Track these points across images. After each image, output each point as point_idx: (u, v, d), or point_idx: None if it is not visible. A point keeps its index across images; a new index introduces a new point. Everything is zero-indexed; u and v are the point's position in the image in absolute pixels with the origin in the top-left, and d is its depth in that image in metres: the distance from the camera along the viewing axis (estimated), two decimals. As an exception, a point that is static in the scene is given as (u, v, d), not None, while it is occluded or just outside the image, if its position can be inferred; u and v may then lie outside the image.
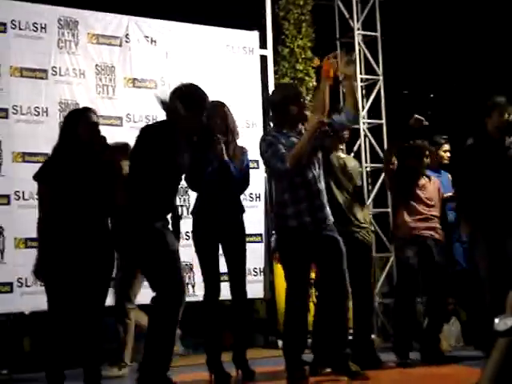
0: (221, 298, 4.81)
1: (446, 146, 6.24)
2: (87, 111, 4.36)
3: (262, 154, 4.58)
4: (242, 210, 4.90)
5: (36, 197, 4.46)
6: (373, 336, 5.58)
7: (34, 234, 4.24)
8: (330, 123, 4.53)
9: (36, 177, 4.24)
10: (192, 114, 4.09)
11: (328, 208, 4.52)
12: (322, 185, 4.51)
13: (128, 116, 6.33)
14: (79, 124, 4.23)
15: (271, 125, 5.06)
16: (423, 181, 5.42)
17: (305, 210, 4.39)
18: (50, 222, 4.08)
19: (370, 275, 5.20)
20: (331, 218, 4.51)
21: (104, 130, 6.36)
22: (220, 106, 4.83)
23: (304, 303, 4.42)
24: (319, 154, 4.58)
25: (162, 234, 4.05)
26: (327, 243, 4.44)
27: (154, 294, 4.02)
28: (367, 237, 5.14)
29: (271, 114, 4.74)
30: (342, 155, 5.27)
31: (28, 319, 5.98)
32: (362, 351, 4.92)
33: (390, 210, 7.13)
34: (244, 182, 4.92)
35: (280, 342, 6.66)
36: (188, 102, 4.10)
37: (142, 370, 3.99)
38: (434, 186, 5.47)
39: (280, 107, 4.56)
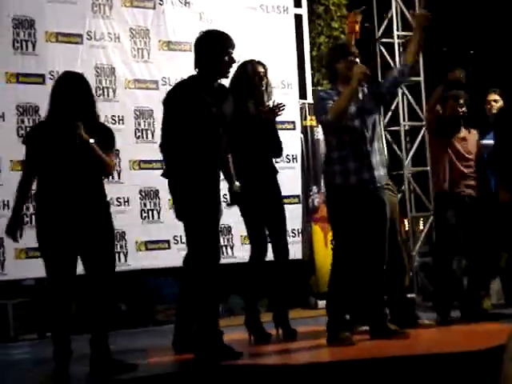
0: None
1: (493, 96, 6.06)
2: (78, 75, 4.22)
3: (314, 109, 4.59)
4: (275, 171, 4.93)
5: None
6: (413, 295, 5.57)
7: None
8: (374, 82, 4.53)
9: (24, 139, 4.21)
10: (213, 58, 4.12)
11: (381, 170, 4.49)
12: (374, 146, 4.47)
13: (163, 79, 6.33)
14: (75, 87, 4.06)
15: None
16: (463, 133, 5.33)
17: (351, 169, 4.39)
18: (40, 185, 4.03)
19: (395, 233, 5.08)
20: (382, 180, 4.49)
21: (140, 94, 6.43)
22: (258, 65, 4.83)
23: (350, 262, 4.40)
24: (375, 116, 4.55)
25: (206, 199, 4.07)
26: (371, 204, 4.42)
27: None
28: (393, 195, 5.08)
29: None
30: None
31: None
32: (398, 310, 4.90)
33: (428, 168, 7.06)
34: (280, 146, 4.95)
35: (320, 303, 6.70)
36: (206, 47, 4.17)
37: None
38: (474, 138, 5.38)
39: (327, 65, 4.65)
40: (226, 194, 5.64)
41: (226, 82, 4.46)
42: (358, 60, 4.50)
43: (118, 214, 5.73)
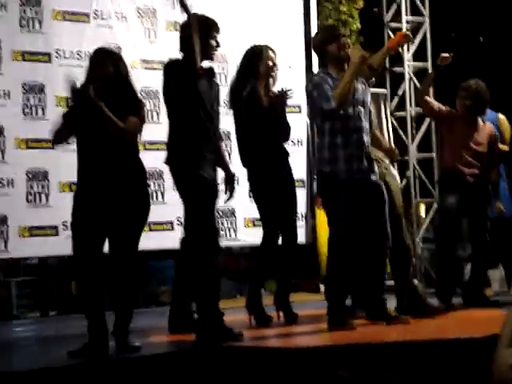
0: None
1: None
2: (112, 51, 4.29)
3: (308, 96, 4.56)
4: (287, 153, 4.94)
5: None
6: (416, 282, 5.56)
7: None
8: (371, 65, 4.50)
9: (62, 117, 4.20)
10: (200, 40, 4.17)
11: (372, 160, 4.47)
12: (367, 137, 4.45)
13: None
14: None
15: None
16: (478, 122, 5.30)
17: (340, 157, 4.36)
18: (78, 160, 4.05)
19: (398, 217, 5.07)
20: (372, 172, 4.46)
21: (148, 74, 6.40)
22: (266, 49, 4.82)
23: (346, 248, 4.40)
24: (369, 106, 4.55)
25: (202, 178, 4.11)
26: (363, 192, 4.40)
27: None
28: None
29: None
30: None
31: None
32: (405, 297, 4.91)
33: (434, 155, 7.03)
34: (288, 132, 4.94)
35: (322, 287, 6.70)
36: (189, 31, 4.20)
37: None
38: (486, 129, 5.35)
39: (319, 48, 4.56)
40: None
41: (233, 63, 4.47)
42: (349, 41, 4.48)
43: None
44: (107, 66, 4.01)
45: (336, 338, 4.22)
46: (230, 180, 4.45)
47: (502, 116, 6.18)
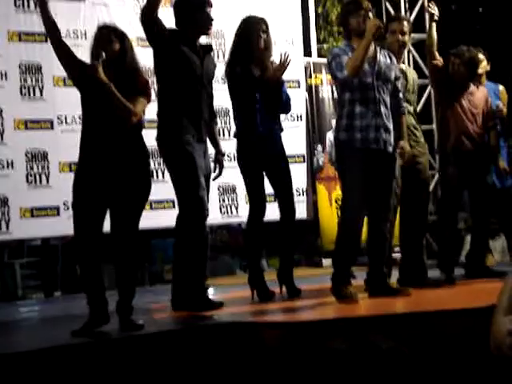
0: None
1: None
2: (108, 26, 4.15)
3: (328, 66, 4.65)
4: (281, 128, 4.91)
5: (78, 121, 4.47)
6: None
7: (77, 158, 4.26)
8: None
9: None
10: (189, 16, 4.30)
11: (389, 132, 4.47)
12: (385, 108, 4.45)
13: (167, 37, 6.26)
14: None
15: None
16: (471, 88, 5.28)
17: (357, 126, 4.40)
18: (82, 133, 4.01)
19: (423, 194, 5.09)
20: (388, 143, 4.46)
21: (144, 52, 6.38)
22: (260, 22, 4.77)
23: (357, 216, 4.41)
24: (396, 81, 4.56)
25: (187, 151, 4.23)
26: (376, 163, 4.41)
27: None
28: (423, 151, 5.07)
29: None
30: (403, 66, 5.17)
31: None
32: (410, 272, 4.92)
33: (434, 126, 7.01)
34: (288, 104, 4.91)
35: (324, 261, 6.74)
36: (182, 6, 4.36)
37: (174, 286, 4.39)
38: (481, 94, 5.33)
39: (342, 21, 4.65)
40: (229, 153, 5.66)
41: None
42: (370, 14, 4.46)
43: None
44: (113, 42, 3.95)
45: (339, 311, 4.24)
46: (220, 158, 4.64)
47: (502, 87, 6.16)
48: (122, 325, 3.90)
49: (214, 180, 4.64)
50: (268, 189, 4.85)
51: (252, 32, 4.69)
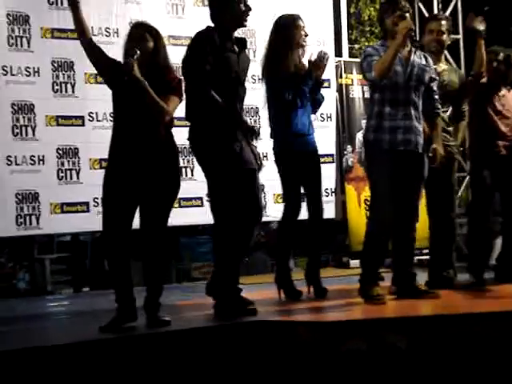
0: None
1: None
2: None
3: (360, 66, 4.68)
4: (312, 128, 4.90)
5: (109, 118, 4.48)
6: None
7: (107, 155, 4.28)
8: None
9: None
10: (224, 8, 4.15)
11: (419, 134, 4.43)
12: (415, 110, 4.41)
13: (198, 36, 6.27)
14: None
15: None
16: (503, 91, 5.22)
17: (385, 127, 4.38)
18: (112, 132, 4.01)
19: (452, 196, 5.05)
20: (418, 145, 4.42)
21: (176, 50, 6.40)
22: (297, 19, 4.79)
23: (386, 217, 4.37)
24: (422, 85, 4.49)
25: (233, 151, 4.07)
26: (410, 162, 4.38)
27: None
28: (453, 154, 5.02)
29: None
30: (443, 66, 5.06)
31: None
32: (439, 274, 4.88)
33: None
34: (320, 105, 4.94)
35: (352, 262, 6.70)
36: None
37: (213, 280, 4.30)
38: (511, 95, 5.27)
39: (379, 20, 4.69)
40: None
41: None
42: (407, 15, 4.41)
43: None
44: (147, 40, 3.96)
45: (366, 312, 4.23)
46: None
47: None
48: (149, 321, 3.92)
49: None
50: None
51: (291, 28, 4.70)
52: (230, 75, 4.16)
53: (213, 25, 4.25)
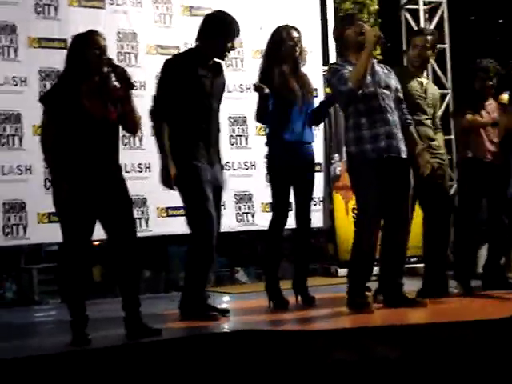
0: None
1: None
2: (95, 34, 4.17)
3: (328, 84, 4.66)
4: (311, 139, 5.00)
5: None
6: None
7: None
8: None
9: (41, 99, 4.12)
10: (213, 40, 4.31)
11: (401, 140, 4.44)
12: (391, 116, 4.43)
13: (185, 45, 6.23)
14: (87, 48, 4.06)
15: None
16: (490, 100, 5.27)
17: (366, 137, 4.37)
18: (59, 154, 3.97)
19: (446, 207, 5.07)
20: (400, 151, 4.43)
21: (162, 60, 6.41)
22: (292, 30, 4.83)
23: (372, 228, 4.39)
24: (391, 90, 4.51)
25: (196, 169, 4.26)
26: (395, 168, 4.39)
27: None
28: (442, 162, 5.03)
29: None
30: (425, 81, 5.15)
31: (97, 249, 6.15)
32: (432, 283, 4.89)
33: (453, 137, 6.97)
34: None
35: (340, 271, 6.70)
36: (210, 28, 4.35)
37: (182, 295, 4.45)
38: (495, 106, 5.32)
39: (338, 36, 4.60)
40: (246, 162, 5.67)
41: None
42: (366, 26, 4.49)
43: (139, 180, 5.80)
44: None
45: (353, 321, 4.22)
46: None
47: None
48: (139, 331, 3.89)
49: None
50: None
51: (285, 39, 4.74)
52: (203, 100, 4.29)
53: (195, 45, 4.43)
